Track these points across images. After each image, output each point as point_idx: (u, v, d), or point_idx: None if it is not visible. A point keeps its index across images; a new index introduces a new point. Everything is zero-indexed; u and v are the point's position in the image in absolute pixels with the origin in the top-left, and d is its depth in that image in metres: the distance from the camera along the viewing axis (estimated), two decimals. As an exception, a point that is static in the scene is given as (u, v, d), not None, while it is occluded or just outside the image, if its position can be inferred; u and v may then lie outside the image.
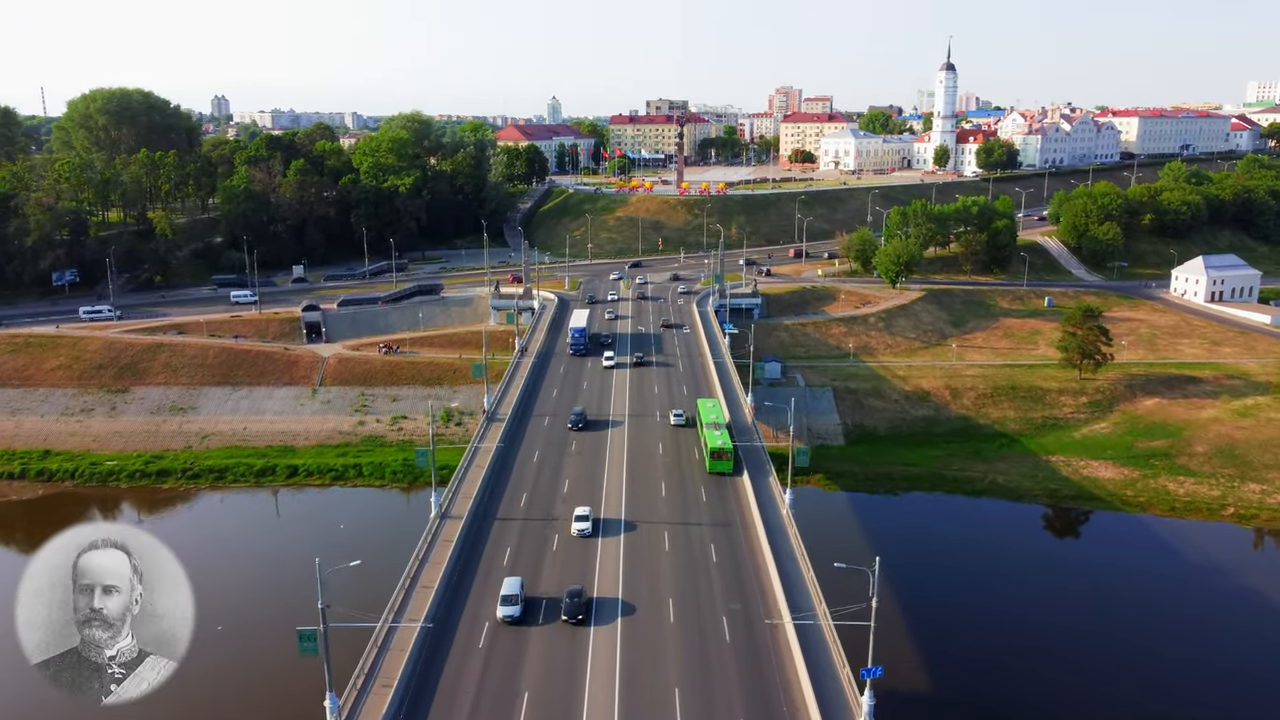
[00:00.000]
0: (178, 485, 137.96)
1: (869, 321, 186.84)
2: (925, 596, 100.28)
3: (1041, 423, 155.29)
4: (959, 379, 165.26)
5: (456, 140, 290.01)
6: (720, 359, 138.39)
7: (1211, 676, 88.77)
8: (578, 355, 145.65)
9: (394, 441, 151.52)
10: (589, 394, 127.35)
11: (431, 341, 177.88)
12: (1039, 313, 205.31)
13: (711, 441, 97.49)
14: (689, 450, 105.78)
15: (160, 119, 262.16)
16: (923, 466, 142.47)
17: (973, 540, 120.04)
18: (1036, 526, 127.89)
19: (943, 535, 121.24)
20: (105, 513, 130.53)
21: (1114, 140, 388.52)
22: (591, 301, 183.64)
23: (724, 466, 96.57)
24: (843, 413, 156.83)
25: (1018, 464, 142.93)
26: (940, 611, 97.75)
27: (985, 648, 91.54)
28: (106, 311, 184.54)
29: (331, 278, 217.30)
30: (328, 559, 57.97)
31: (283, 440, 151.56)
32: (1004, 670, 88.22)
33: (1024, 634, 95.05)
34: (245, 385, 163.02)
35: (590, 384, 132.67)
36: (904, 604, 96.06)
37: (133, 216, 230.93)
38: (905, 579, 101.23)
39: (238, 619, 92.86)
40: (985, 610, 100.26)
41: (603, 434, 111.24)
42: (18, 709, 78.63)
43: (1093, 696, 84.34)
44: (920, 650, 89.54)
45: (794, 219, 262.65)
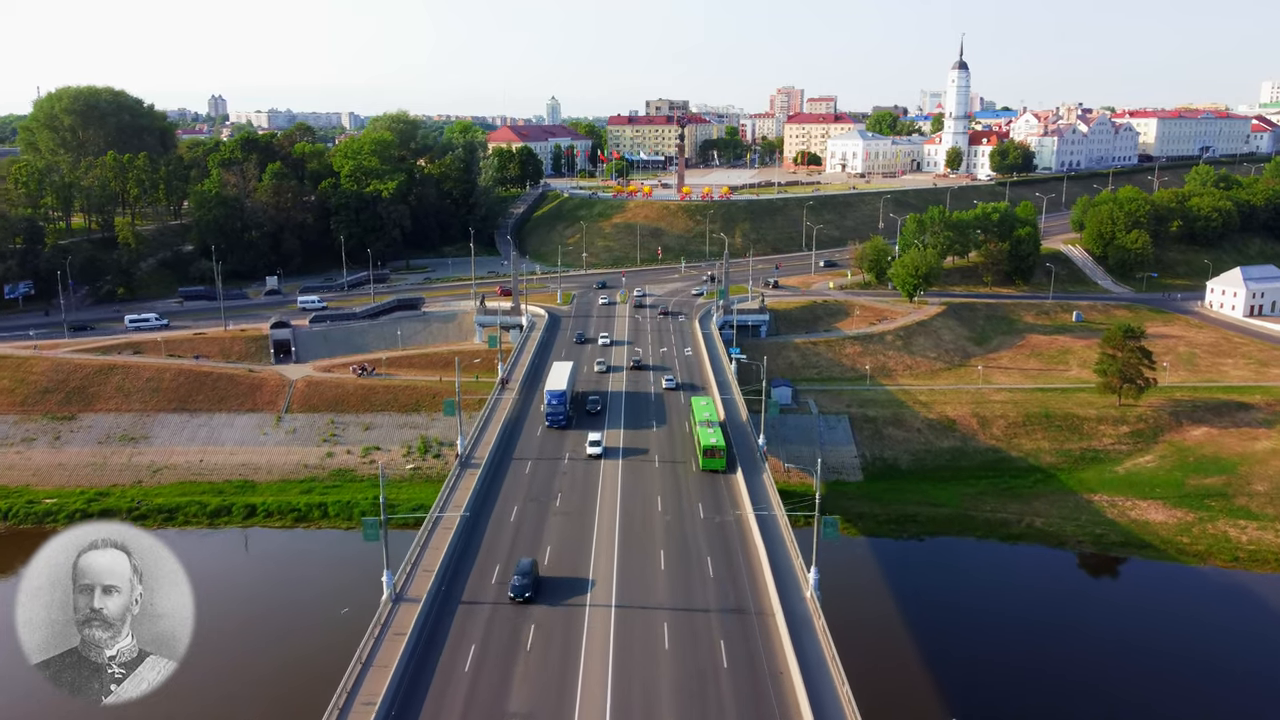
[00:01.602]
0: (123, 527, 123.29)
1: (886, 340, 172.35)
2: (970, 676, 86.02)
3: (1080, 455, 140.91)
4: (986, 405, 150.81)
5: (445, 142, 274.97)
6: (729, 396, 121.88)
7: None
8: (556, 428, 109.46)
9: (365, 475, 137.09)
10: (567, 497, 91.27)
11: (411, 362, 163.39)
12: (1067, 328, 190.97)
13: (704, 439, 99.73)
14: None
15: (131, 119, 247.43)
16: (951, 506, 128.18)
17: (1015, 598, 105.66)
18: (1084, 579, 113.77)
19: (980, 594, 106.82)
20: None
21: (1132, 142, 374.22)
22: (580, 341, 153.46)
23: (717, 464, 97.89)
24: (860, 444, 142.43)
25: (1057, 504, 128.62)
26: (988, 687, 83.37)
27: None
28: (154, 320, 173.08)
29: (307, 289, 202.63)
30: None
31: (242, 474, 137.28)
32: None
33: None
34: (204, 412, 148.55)
35: (569, 482, 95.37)
36: (946, 686, 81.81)
37: (97, 223, 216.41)
38: (943, 656, 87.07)
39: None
40: (1041, 688, 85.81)
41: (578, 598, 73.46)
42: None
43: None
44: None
45: (801, 225, 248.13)
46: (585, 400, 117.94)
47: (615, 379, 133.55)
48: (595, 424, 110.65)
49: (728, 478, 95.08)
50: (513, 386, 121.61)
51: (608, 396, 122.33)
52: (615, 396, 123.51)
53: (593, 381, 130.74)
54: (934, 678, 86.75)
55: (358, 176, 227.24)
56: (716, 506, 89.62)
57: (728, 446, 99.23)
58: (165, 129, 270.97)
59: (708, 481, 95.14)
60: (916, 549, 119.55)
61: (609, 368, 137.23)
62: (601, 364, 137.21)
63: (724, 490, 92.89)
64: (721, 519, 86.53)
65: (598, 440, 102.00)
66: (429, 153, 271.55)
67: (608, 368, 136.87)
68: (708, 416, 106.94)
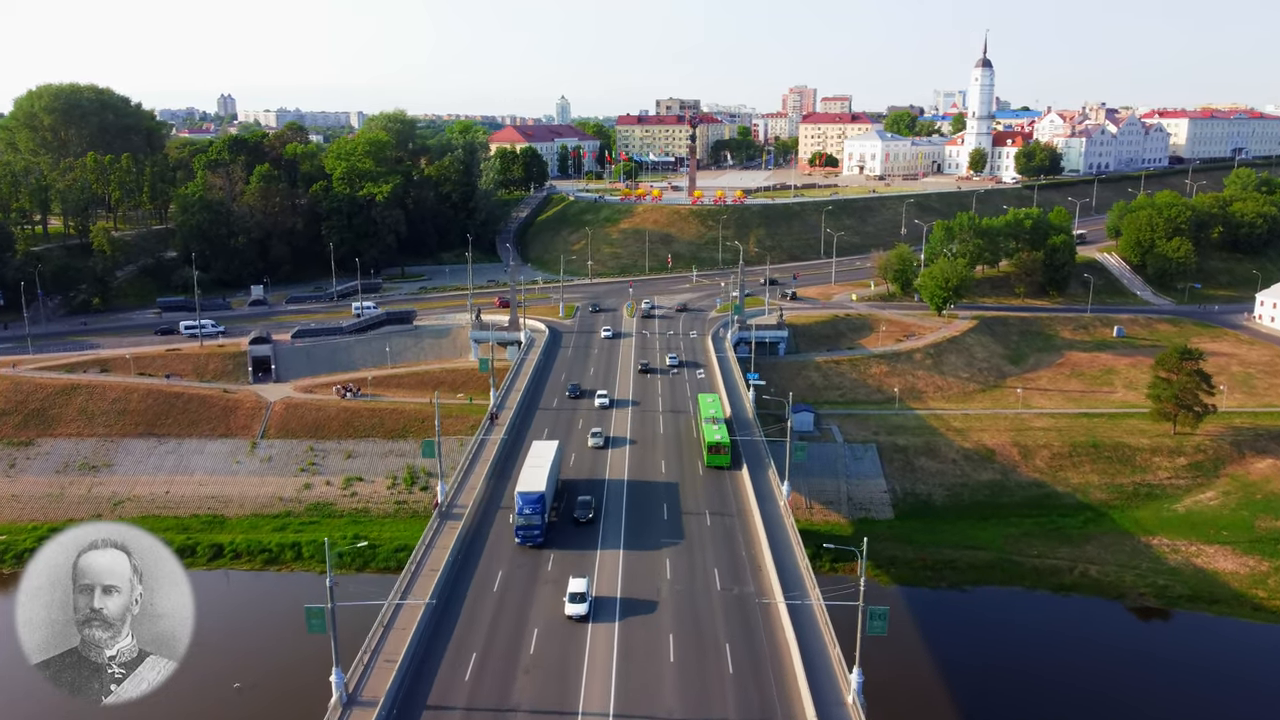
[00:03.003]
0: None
1: (914, 359, 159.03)
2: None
3: (1133, 491, 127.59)
4: (1028, 433, 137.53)
5: (444, 143, 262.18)
6: (750, 435, 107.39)
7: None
8: (531, 547, 79.28)
9: (345, 510, 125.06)
10: (535, 677, 61.95)
11: (400, 382, 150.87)
12: (1108, 345, 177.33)
13: (709, 436, 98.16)
14: None
15: (115, 118, 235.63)
16: (993, 550, 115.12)
17: (1072, 661, 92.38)
18: (1147, 637, 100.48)
19: (1033, 657, 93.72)
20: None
21: (1163, 143, 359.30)
22: (574, 394, 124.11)
23: (722, 460, 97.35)
24: (890, 476, 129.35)
25: (1111, 547, 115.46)
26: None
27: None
28: (210, 326, 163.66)
29: (294, 300, 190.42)
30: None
31: (211, 508, 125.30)
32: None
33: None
34: (173, 437, 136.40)
35: (538, 656, 64.40)
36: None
37: (74, 228, 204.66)
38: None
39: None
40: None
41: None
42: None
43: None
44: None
45: (820, 231, 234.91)
46: (574, 498, 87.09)
47: (615, 457, 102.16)
48: (583, 540, 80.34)
49: (765, 611, 69.52)
50: (502, 422, 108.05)
51: (604, 491, 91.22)
52: (614, 490, 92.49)
53: (585, 463, 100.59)
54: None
55: (350, 179, 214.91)
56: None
57: (732, 444, 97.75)
58: (153, 128, 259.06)
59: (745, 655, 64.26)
60: (956, 601, 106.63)
61: (607, 440, 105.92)
62: (598, 437, 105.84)
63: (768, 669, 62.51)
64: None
65: (581, 594, 68.12)
66: (427, 154, 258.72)
67: (605, 441, 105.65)
68: (713, 414, 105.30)
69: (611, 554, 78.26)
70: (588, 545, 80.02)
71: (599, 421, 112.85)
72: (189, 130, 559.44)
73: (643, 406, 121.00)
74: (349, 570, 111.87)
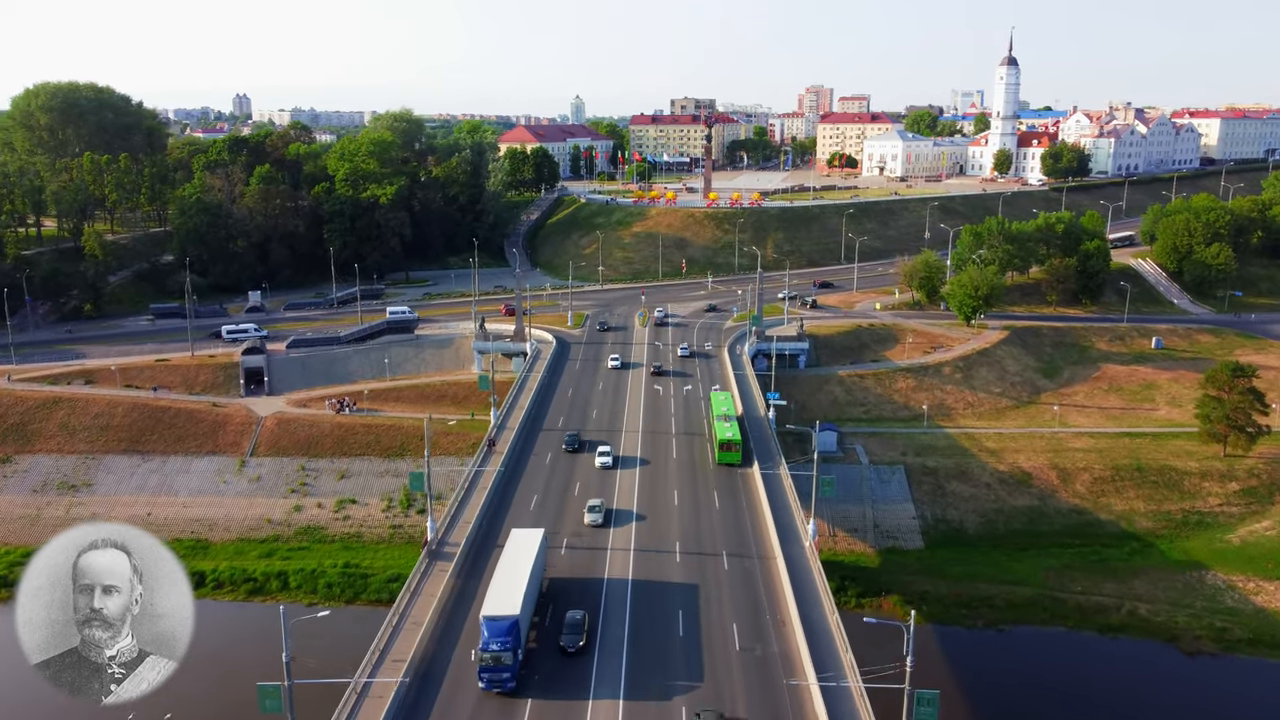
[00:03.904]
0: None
1: (943, 372, 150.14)
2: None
3: (1182, 519, 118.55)
4: (1066, 454, 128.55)
5: (451, 143, 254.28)
6: (772, 471, 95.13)
7: None
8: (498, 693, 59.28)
9: (337, 535, 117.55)
10: None
11: (399, 395, 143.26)
12: (1146, 357, 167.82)
13: (721, 434, 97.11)
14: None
15: (114, 117, 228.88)
16: (1032, 585, 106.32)
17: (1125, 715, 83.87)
18: (1209, 688, 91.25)
19: (1084, 709, 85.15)
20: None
21: (1194, 144, 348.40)
22: (571, 448, 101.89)
23: (733, 458, 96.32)
24: (919, 501, 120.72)
25: (1162, 583, 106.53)
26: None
27: None
28: (253, 330, 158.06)
29: (292, 306, 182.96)
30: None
31: (195, 531, 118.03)
32: None
33: None
34: (158, 454, 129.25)
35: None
36: None
37: (68, 231, 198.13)
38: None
39: None
40: None
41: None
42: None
43: None
44: None
45: (840, 235, 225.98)
46: (561, 612, 66.55)
47: (618, 539, 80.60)
48: (571, 680, 60.24)
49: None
50: (501, 449, 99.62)
51: (601, 597, 70.74)
52: (615, 595, 71.40)
53: (580, 551, 78.83)
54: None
55: (354, 181, 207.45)
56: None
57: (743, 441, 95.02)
58: (154, 128, 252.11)
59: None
60: (995, 644, 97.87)
61: (608, 516, 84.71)
62: (596, 513, 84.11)
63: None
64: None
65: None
66: (434, 154, 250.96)
67: (604, 516, 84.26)
68: (725, 411, 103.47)
69: (608, 705, 57.68)
70: (577, 690, 59.03)
71: (600, 487, 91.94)
72: (203, 130, 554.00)
73: (654, 465, 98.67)
74: (338, 602, 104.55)
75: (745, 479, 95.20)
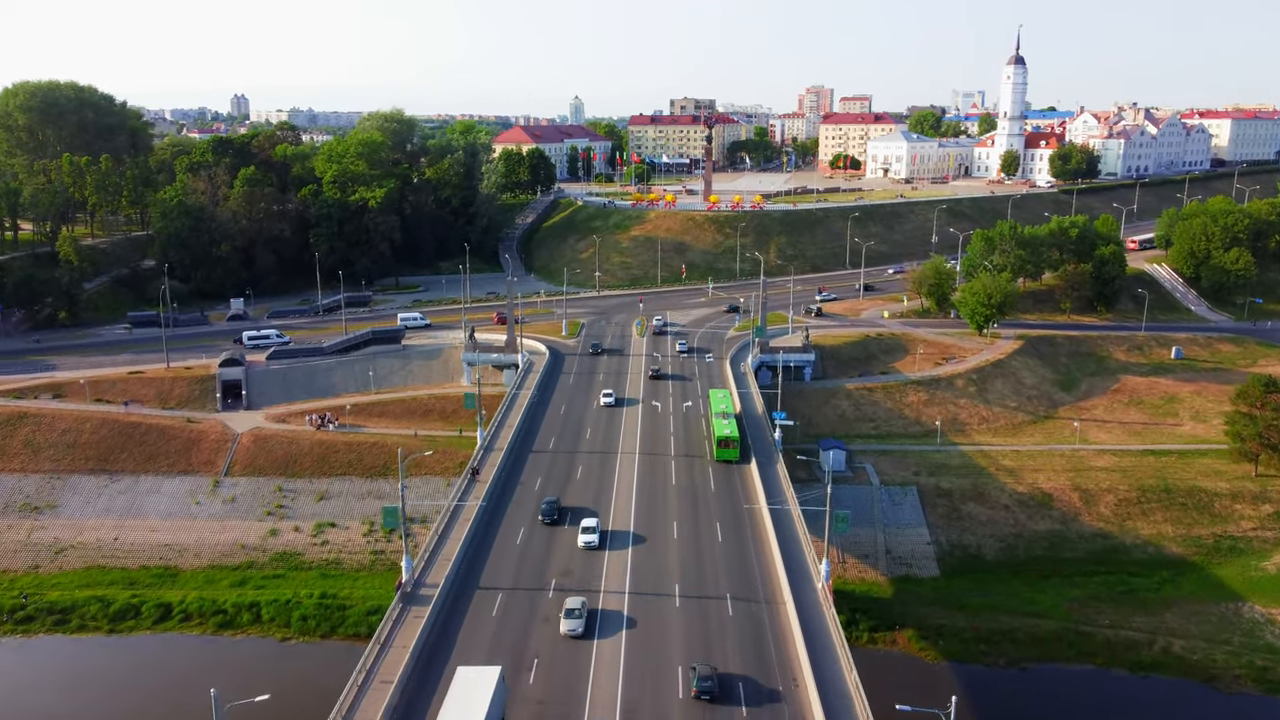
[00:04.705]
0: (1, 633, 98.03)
1: (956, 385, 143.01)
2: None
3: (1214, 545, 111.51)
4: (1088, 474, 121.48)
5: (443, 144, 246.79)
6: (781, 503, 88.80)
7: None
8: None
9: (315, 561, 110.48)
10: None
11: (384, 410, 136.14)
12: (1166, 368, 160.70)
13: (719, 430, 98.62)
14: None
15: (95, 117, 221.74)
16: (1055, 618, 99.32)
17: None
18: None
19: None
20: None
21: (1205, 145, 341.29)
22: (548, 518, 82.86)
23: (730, 455, 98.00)
24: (933, 525, 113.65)
25: (1195, 615, 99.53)
26: None
27: None
28: (274, 336, 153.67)
29: (277, 314, 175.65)
30: None
31: (164, 558, 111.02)
32: None
33: None
34: (127, 474, 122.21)
35: None
36: None
37: (45, 235, 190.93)
38: None
39: None
40: None
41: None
42: None
43: None
44: None
45: (845, 239, 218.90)
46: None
47: (604, 656, 62.62)
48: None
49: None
50: (485, 479, 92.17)
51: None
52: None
53: (555, 672, 60.87)
54: None
55: (342, 183, 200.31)
56: None
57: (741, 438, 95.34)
58: (138, 128, 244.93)
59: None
60: (1018, 684, 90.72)
61: (589, 621, 65.31)
62: (575, 619, 64.69)
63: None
64: None
65: None
66: (427, 156, 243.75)
67: (587, 623, 64.96)
68: (724, 408, 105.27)
69: None
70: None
71: (583, 575, 73.69)
72: (199, 131, 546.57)
73: (650, 543, 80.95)
74: (313, 637, 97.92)
75: (753, 519, 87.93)
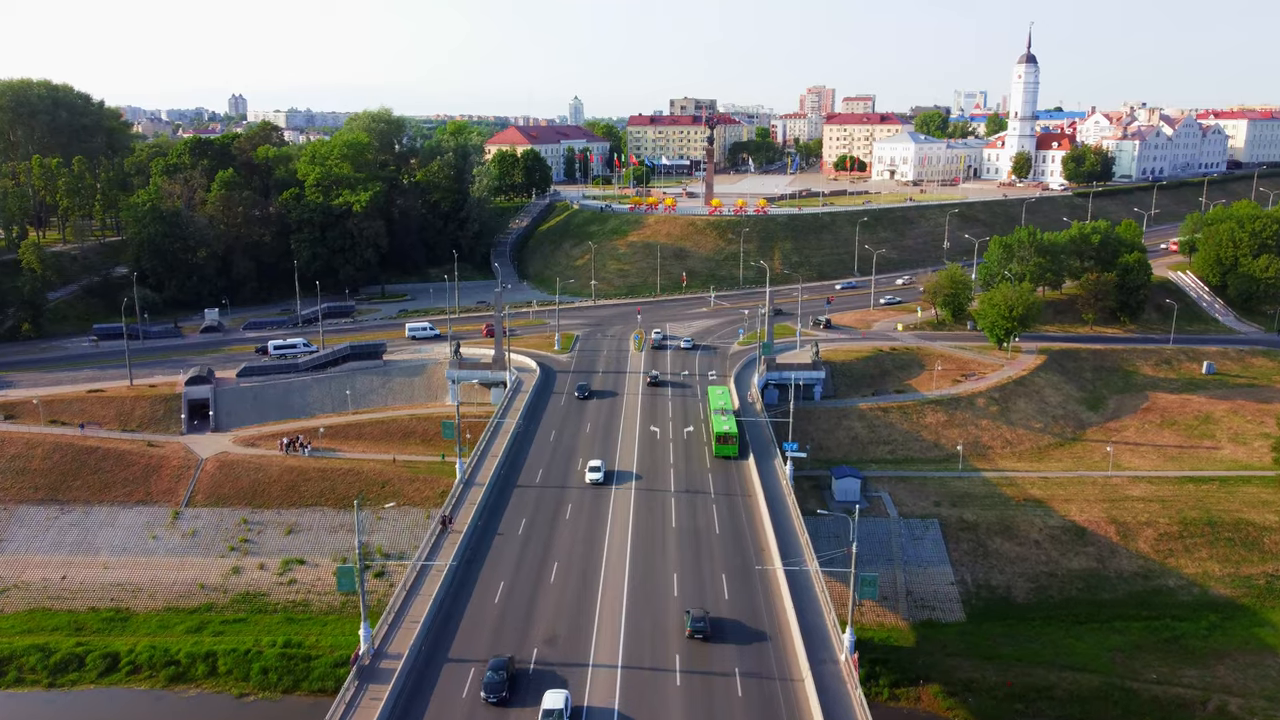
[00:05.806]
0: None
1: (977, 405, 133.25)
2: None
3: (1265, 585, 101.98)
4: (1124, 504, 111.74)
5: (433, 145, 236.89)
6: (791, 532, 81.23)
7: None
8: None
9: (280, 603, 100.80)
10: None
11: (361, 431, 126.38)
12: (1197, 384, 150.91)
13: (718, 427, 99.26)
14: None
15: (70, 117, 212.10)
16: (1098, 670, 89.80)
17: None
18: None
19: None
20: None
21: (1221, 146, 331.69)
22: (498, 677, 58.85)
23: (729, 451, 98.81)
24: (958, 563, 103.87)
25: (1250, 668, 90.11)
26: None
27: None
28: (302, 345, 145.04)
29: (254, 325, 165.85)
30: None
31: (116, 598, 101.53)
32: None
33: None
34: (79, 505, 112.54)
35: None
36: None
37: (9, 241, 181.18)
38: None
39: None
40: None
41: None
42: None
43: None
44: None
45: (853, 245, 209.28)
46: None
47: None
48: None
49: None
50: (459, 529, 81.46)
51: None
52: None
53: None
54: None
55: (325, 186, 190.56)
56: None
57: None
58: (116, 129, 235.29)
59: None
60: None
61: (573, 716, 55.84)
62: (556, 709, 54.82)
63: None
64: None
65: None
66: (416, 157, 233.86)
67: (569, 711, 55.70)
68: (722, 405, 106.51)
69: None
70: None
71: (567, 646, 64.17)
72: (195, 131, 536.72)
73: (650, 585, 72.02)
74: (274, 693, 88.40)
75: (765, 580, 78.09)
